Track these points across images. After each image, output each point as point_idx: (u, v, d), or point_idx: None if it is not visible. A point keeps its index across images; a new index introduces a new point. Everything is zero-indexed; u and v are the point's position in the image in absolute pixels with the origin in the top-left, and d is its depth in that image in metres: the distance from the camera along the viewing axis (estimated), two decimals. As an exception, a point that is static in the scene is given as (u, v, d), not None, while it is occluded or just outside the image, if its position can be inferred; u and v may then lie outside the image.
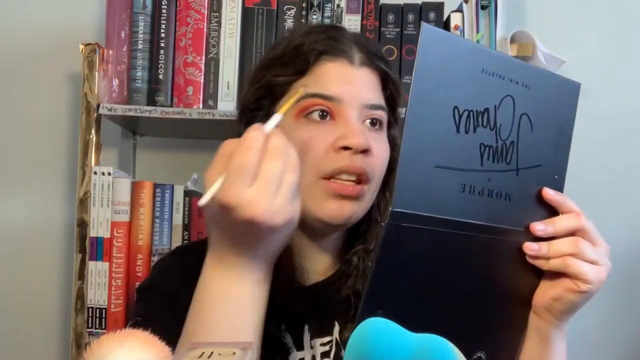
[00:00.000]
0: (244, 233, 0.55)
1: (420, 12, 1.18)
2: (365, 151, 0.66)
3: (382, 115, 0.71)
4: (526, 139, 0.58)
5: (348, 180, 0.66)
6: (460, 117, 0.53)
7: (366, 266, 0.72)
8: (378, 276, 0.52)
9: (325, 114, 0.68)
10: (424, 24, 0.51)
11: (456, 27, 1.18)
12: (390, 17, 1.17)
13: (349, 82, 0.69)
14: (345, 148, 0.66)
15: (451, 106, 0.52)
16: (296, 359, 0.71)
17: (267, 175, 0.52)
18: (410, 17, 1.18)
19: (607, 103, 1.41)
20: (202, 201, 0.53)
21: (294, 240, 0.72)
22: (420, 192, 0.51)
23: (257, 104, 0.72)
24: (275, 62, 0.72)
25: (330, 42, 0.70)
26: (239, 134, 0.73)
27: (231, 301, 0.57)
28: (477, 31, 1.18)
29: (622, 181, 1.41)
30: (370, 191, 0.69)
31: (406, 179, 0.51)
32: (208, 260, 0.59)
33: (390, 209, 0.50)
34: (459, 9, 1.19)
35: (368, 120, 0.69)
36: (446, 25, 1.20)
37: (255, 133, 0.54)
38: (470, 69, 0.54)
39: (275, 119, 0.58)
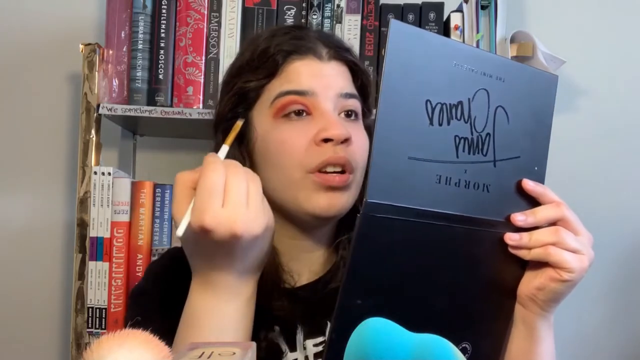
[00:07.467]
0: (227, 250, 0.57)
1: (420, 12, 1.18)
2: (346, 141, 0.67)
3: (357, 104, 0.72)
4: (503, 130, 0.58)
5: (334, 171, 0.67)
6: (432, 110, 0.53)
7: None
8: (354, 267, 0.52)
9: (301, 111, 0.68)
10: (392, 20, 0.52)
11: (456, 27, 1.18)
12: (390, 17, 1.17)
13: (321, 76, 0.70)
14: (327, 140, 0.66)
15: (423, 99, 0.53)
16: None
17: (234, 191, 0.55)
18: (410, 17, 1.18)
19: (608, 103, 1.41)
20: (179, 231, 0.56)
21: (283, 243, 0.73)
22: (395, 183, 0.52)
23: (232, 112, 0.73)
24: (245, 69, 0.73)
25: (295, 41, 0.71)
26: (217, 144, 0.74)
27: (221, 320, 0.60)
28: (477, 31, 1.18)
29: (622, 181, 1.41)
30: (356, 180, 0.70)
31: (379, 170, 0.51)
32: (194, 286, 0.61)
33: (364, 199, 0.51)
34: (459, 9, 1.19)
35: (343, 113, 0.70)
36: (446, 25, 1.20)
37: (214, 157, 0.58)
38: (441, 63, 0.54)
39: (224, 150, 0.64)
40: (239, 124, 0.68)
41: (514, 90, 0.59)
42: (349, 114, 0.71)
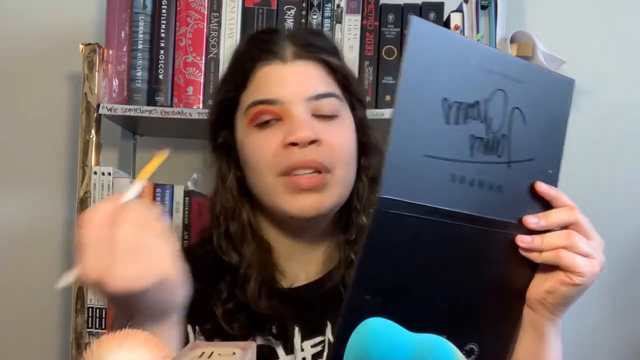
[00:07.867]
0: (118, 302, 0.53)
1: (421, 12, 1.18)
2: (314, 142, 0.67)
3: (332, 102, 0.71)
4: (518, 132, 0.58)
5: (306, 173, 0.67)
6: (449, 108, 0.53)
7: (348, 256, 0.73)
8: (365, 262, 0.52)
9: (272, 119, 0.69)
10: (413, 17, 0.51)
11: (456, 27, 1.18)
12: (390, 17, 1.17)
13: (284, 82, 0.70)
14: (293, 144, 0.67)
15: (440, 98, 0.52)
16: None
17: (119, 242, 0.49)
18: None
19: (607, 103, 1.41)
20: (58, 284, 0.50)
21: (280, 242, 0.73)
22: (409, 180, 0.52)
23: (218, 121, 0.76)
24: (226, 78, 0.76)
25: (261, 45, 0.72)
26: (212, 149, 0.76)
27: None
28: (477, 31, 1.18)
29: (622, 181, 1.41)
30: (336, 179, 0.69)
31: (395, 166, 0.51)
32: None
33: (378, 195, 0.51)
34: (459, 9, 1.19)
35: (318, 113, 0.70)
36: (446, 25, 1.20)
37: (102, 205, 0.51)
38: (460, 62, 0.54)
39: (136, 187, 0.55)
40: (157, 159, 0.59)
41: (531, 92, 0.58)
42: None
